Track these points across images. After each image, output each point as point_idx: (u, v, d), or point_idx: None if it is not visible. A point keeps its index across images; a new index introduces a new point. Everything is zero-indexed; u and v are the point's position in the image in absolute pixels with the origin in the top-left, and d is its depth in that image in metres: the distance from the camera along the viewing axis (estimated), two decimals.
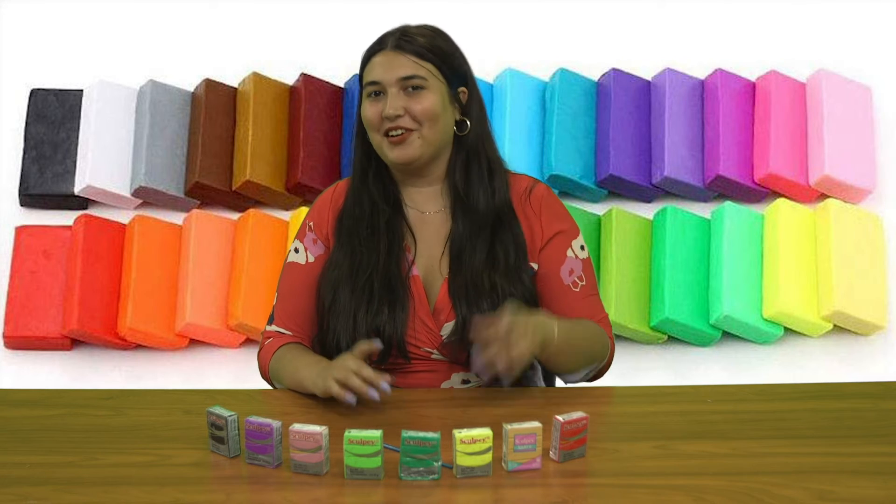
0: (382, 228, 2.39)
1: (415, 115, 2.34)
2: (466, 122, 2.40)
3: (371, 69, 2.37)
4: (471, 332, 2.23)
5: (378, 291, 2.35)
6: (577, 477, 2.00)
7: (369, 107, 2.36)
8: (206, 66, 4.40)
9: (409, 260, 2.39)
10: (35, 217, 4.22)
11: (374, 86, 2.36)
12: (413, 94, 2.34)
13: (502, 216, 2.39)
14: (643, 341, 4.05)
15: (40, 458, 2.07)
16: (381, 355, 2.35)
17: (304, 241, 2.46)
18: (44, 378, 3.89)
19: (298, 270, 2.44)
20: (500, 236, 2.38)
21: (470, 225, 2.38)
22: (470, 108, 2.41)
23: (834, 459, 2.06)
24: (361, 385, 2.17)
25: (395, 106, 2.33)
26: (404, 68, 2.34)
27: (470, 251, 2.37)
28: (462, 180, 2.40)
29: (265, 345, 2.44)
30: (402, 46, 2.35)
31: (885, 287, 4.06)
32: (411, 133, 2.35)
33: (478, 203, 2.39)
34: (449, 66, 2.38)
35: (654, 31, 4.55)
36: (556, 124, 4.28)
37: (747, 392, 2.36)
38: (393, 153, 2.36)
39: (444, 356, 2.38)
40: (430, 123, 2.35)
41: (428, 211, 2.43)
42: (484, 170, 2.41)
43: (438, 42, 2.38)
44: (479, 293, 2.34)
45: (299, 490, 1.97)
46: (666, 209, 4.12)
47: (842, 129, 4.27)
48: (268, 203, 4.26)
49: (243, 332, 3.99)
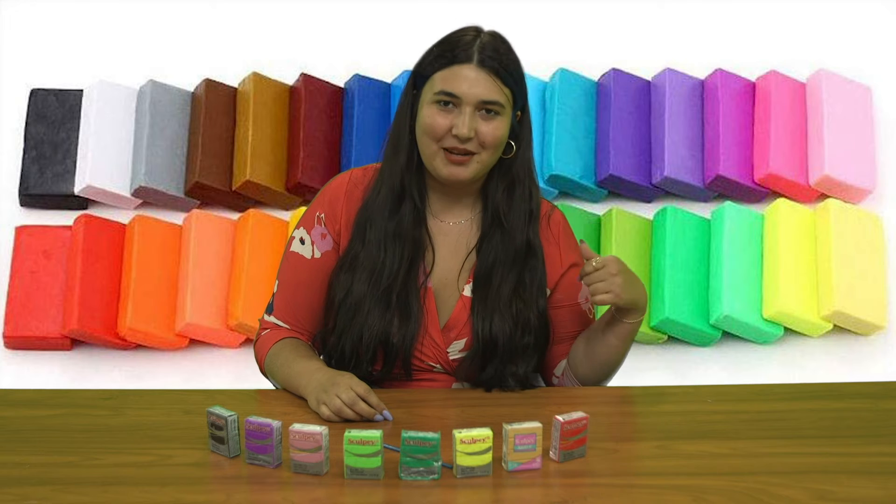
0: (408, 235, 2.35)
1: (484, 140, 2.28)
2: (512, 144, 2.34)
3: (452, 79, 2.27)
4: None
5: (394, 303, 2.33)
6: (577, 477, 2.00)
7: (438, 116, 2.28)
8: (206, 66, 4.40)
9: (425, 272, 2.37)
10: (35, 217, 4.22)
11: (450, 97, 2.27)
12: (487, 117, 2.28)
13: (533, 245, 2.37)
14: (643, 341, 4.05)
15: (40, 458, 2.07)
16: (384, 368, 2.35)
17: (311, 234, 2.39)
18: (44, 378, 3.89)
19: (304, 264, 2.39)
20: (531, 264, 2.37)
21: (504, 250, 2.35)
22: (521, 132, 2.36)
23: (834, 459, 2.06)
24: (370, 411, 2.17)
25: (471, 127, 2.27)
26: (490, 92, 2.27)
27: (502, 276, 2.35)
28: (505, 204, 2.36)
29: (262, 335, 2.41)
30: (489, 66, 2.27)
31: (885, 287, 4.06)
32: (472, 156, 2.29)
33: (515, 230, 2.36)
34: (521, 92, 2.33)
35: (654, 31, 4.55)
36: (556, 124, 4.28)
37: (747, 392, 2.36)
38: (448, 170, 2.30)
39: (451, 373, 2.38)
40: (494, 150, 2.30)
41: (448, 221, 2.40)
42: (527, 198, 2.37)
43: (517, 65, 2.32)
44: (503, 317, 2.34)
45: (299, 490, 1.97)
46: (666, 209, 4.12)
47: (842, 129, 4.27)
48: (268, 203, 4.26)
49: (243, 332, 3.99)
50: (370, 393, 2.19)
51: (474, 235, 2.39)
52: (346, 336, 2.34)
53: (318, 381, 2.23)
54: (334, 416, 2.17)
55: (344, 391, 2.18)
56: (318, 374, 2.26)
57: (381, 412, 2.18)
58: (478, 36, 2.32)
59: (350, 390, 2.18)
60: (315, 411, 2.21)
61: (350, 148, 4.25)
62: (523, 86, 2.33)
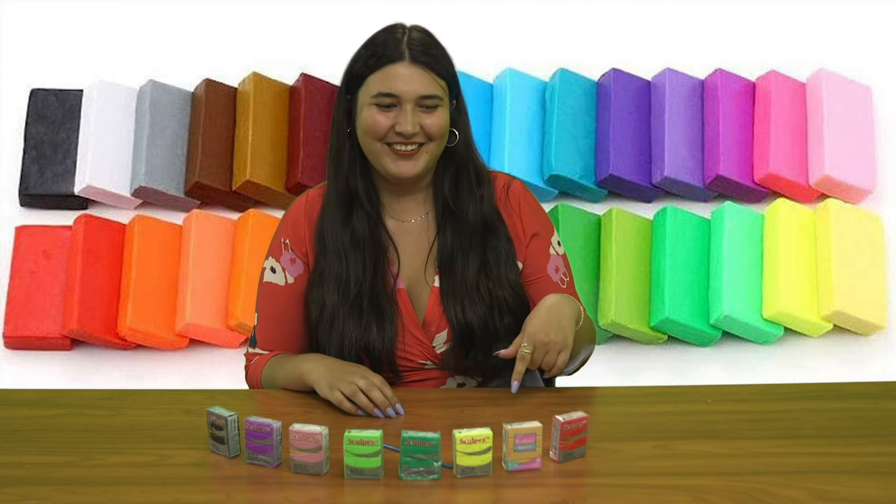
0: (367, 240, 2.35)
1: (430, 132, 2.30)
2: (455, 132, 2.36)
3: (387, 79, 2.28)
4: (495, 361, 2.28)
5: (367, 309, 2.33)
6: (577, 477, 2.00)
7: (379, 116, 2.29)
8: (206, 66, 4.40)
9: (393, 273, 2.37)
10: (35, 217, 4.22)
11: (389, 98, 2.28)
12: (428, 110, 2.29)
13: (490, 222, 2.38)
14: (643, 341, 4.05)
15: (40, 458, 2.07)
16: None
17: (280, 261, 2.40)
18: (44, 378, 3.89)
19: (278, 293, 2.40)
20: (491, 243, 2.37)
21: (460, 235, 2.36)
22: (459, 119, 2.37)
23: (834, 459, 2.06)
24: (384, 401, 2.19)
25: (414, 123, 2.28)
26: (426, 87, 2.28)
27: (463, 261, 2.35)
28: (452, 191, 2.37)
29: (251, 364, 2.42)
30: (422, 61, 2.29)
31: (885, 287, 4.06)
32: (419, 148, 2.31)
33: (467, 213, 2.36)
34: (454, 81, 2.34)
35: (654, 31, 4.55)
36: (556, 124, 4.28)
37: (747, 392, 2.36)
38: (399, 167, 2.31)
39: (440, 366, 2.38)
40: (439, 140, 2.32)
41: (407, 220, 2.40)
42: (472, 178, 2.38)
43: (446, 55, 2.33)
44: (473, 301, 2.34)
45: (299, 490, 1.97)
46: (666, 209, 4.12)
47: (842, 129, 4.27)
48: (268, 203, 4.26)
49: (243, 332, 3.99)
50: (386, 384, 2.22)
51: (433, 229, 2.40)
52: (328, 350, 2.34)
53: (330, 367, 2.25)
54: (346, 402, 2.19)
55: (361, 378, 2.21)
56: (327, 361, 2.28)
57: (394, 405, 2.20)
58: (405, 33, 2.32)
59: (367, 378, 2.21)
60: (325, 396, 2.21)
61: None
62: (455, 76, 2.34)
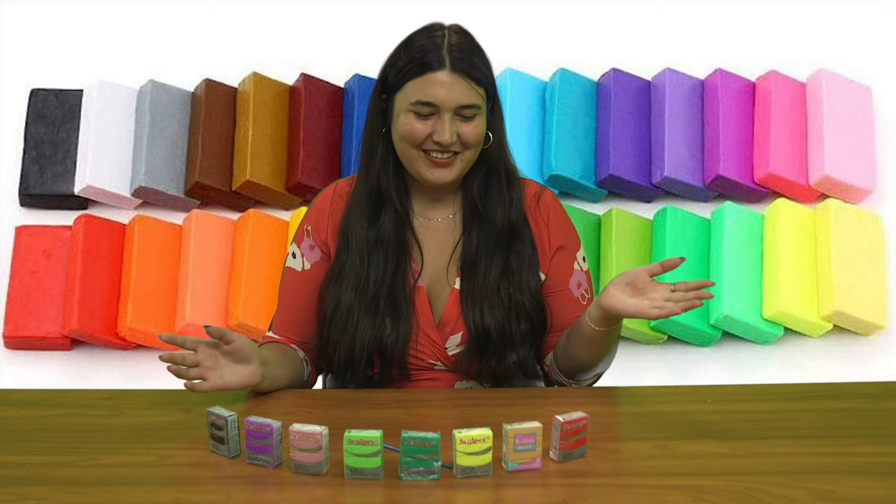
0: (391, 240, 2.35)
1: (467, 140, 2.28)
2: (490, 135, 2.34)
3: (427, 88, 2.26)
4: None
5: (383, 307, 2.33)
6: (577, 477, 2.00)
7: (417, 123, 2.27)
8: (206, 66, 4.40)
9: (414, 272, 2.37)
10: (35, 217, 4.22)
11: (428, 107, 2.26)
12: (465, 120, 2.28)
13: (516, 226, 2.37)
14: (643, 341, 4.05)
15: (40, 458, 2.07)
16: (382, 370, 2.35)
17: (301, 247, 2.42)
18: (44, 378, 3.89)
19: (296, 277, 2.42)
20: (516, 248, 2.36)
21: (486, 237, 2.35)
22: (494, 121, 2.35)
23: (834, 459, 2.06)
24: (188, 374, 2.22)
25: (452, 133, 2.26)
26: (466, 96, 2.27)
27: (486, 264, 2.34)
28: (481, 193, 2.36)
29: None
30: (461, 69, 2.27)
31: (885, 287, 4.06)
32: (455, 157, 2.29)
33: (495, 216, 2.35)
34: (493, 89, 2.33)
35: (654, 31, 4.55)
36: (556, 124, 4.28)
37: (747, 392, 2.36)
38: (434, 175, 2.30)
39: (451, 368, 2.37)
40: (475, 148, 2.31)
41: (434, 218, 2.40)
42: (503, 180, 2.36)
43: (485, 59, 2.31)
44: (493, 305, 2.33)
45: (299, 490, 1.97)
46: (666, 209, 4.12)
47: (842, 129, 4.27)
48: (268, 203, 4.26)
49: (243, 332, 3.99)
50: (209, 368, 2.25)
51: (459, 229, 2.39)
52: (340, 347, 2.35)
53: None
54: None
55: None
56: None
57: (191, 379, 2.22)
58: (444, 36, 2.30)
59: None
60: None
61: (350, 148, 4.25)
62: (493, 81, 2.33)
